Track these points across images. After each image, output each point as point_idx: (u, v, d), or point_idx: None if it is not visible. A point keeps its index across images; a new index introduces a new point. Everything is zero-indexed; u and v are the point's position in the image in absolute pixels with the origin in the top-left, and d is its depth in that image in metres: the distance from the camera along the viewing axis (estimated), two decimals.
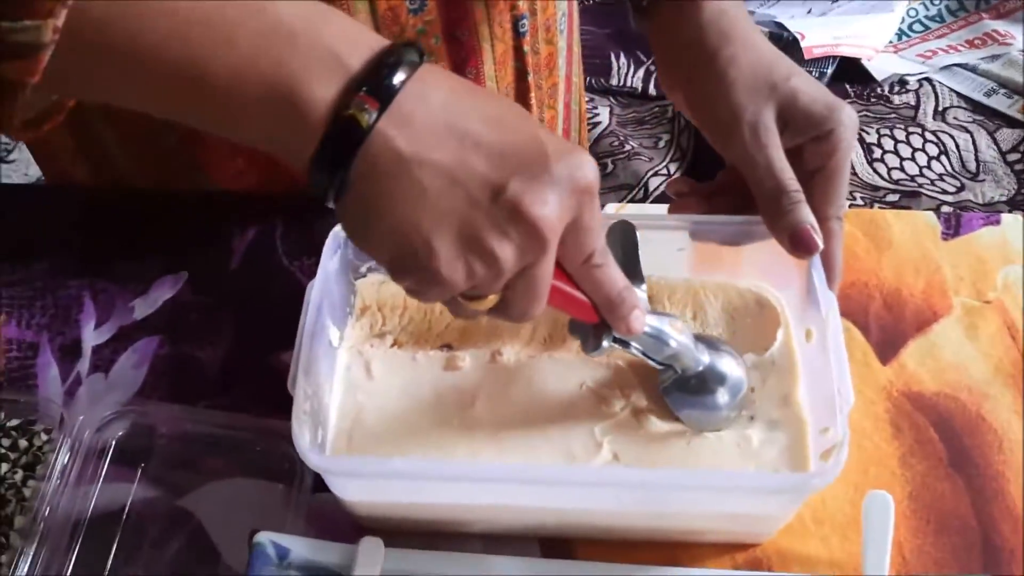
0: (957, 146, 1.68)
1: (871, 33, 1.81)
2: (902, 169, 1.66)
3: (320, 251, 0.63)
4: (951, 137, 1.69)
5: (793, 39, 1.76)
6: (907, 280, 0.76)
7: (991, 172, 1.65)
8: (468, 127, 0.46)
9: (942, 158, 1.67)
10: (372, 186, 0.46)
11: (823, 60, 1.76)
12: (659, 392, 0.63)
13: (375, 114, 0.44)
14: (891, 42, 1.86)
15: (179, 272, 0.77)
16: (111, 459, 0.66)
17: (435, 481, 0.57)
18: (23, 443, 0.66)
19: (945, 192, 1.63)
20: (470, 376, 0.65)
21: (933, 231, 0.79)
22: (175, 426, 0.68)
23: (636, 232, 0.60)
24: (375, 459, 0.61)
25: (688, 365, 0.60)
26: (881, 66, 1.80)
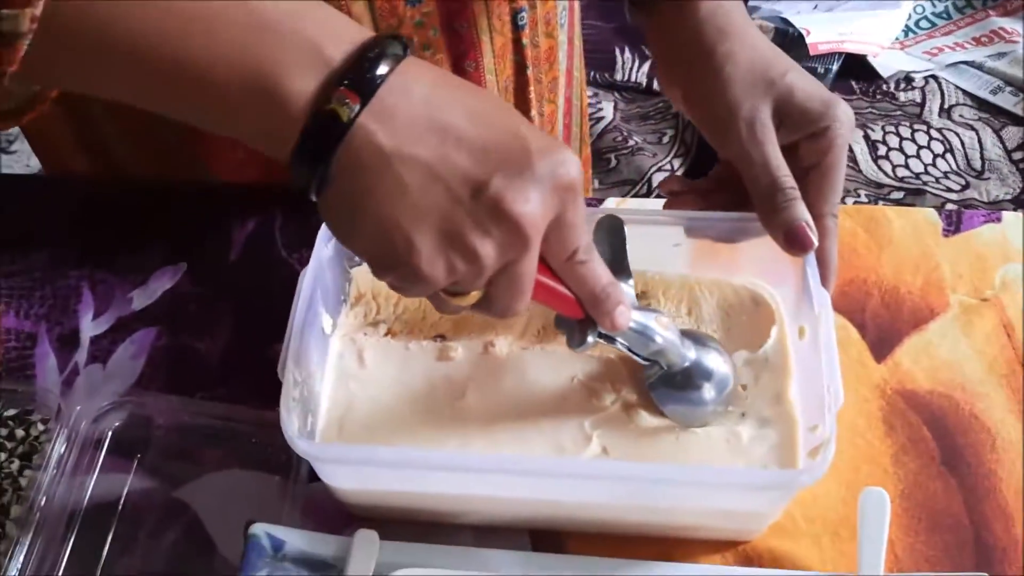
0: (962, 144, 1.68)
1: (877, 29, 1.81)
2: (907, 166, 1.66)
3: None
4: (956, 135, 1.69)
5: (798, 35, 1.75)
6: (906, 277, 0.76)
7: (996, 170, 1.65)
8: (451, 122, 0.46)
9: (947, 156, 1.67)
10: (353, 181, 0.45)
11: (828, 56, 1.76)
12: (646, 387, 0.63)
13: (356, 108, 0.44)
14: (897, 39, 1.85)
15: (178, 263, 0.77)
16: (108, 450, 0.66)
17: (421, 470, 0.57)
18: (20, 433, 0.66)
19: (950, 190, 1.63)
20: (462, 367, 0.65)
21: (934, 228, 0.79)
22: (172, 417, 0.68)
23: (624, 226, 0.60)
24: (361, 447, 0.61)
25: (674, 361, 0.60)
26: (887, 63, 1.80)
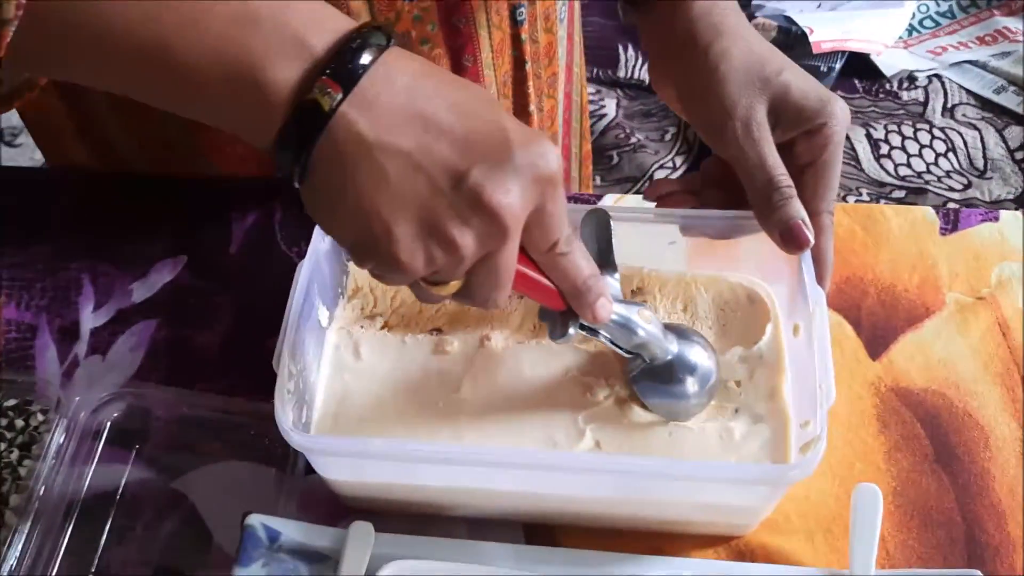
0: (965, 143, 1.67)
1: (881, 28, 1.80)
2: (909, 166, 1.66)
3: None
4: (959, 134, 1.68)
5: (802, 33, 1.75)
6: (902, 276, 0.76)
7: (999, 170, 1.65)
8: (432, 112, 0.46)
9: (949, 155, 1.67)
10: (334, 170, 0.46)
11: (831, 55, 1.76)
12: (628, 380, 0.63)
13: (338, 97, 0.44)
14: (901, 38, 1.85)
15: (178, 256, 0.78)
16: (106, 440, 0.67)
17: (414, 462, 0.57)
18: (20, 423, 0.67)
19: (952, 189, 1.62)
20: (458, 360, 0.65)
21: (931, 227, 0.79)
22: (170, 409, 0.69)
23: (611, 220, 0.60)
24: (354, 439, 0.61)
25: (656, 354, 0.60)
26: (890, 62, 1.79)
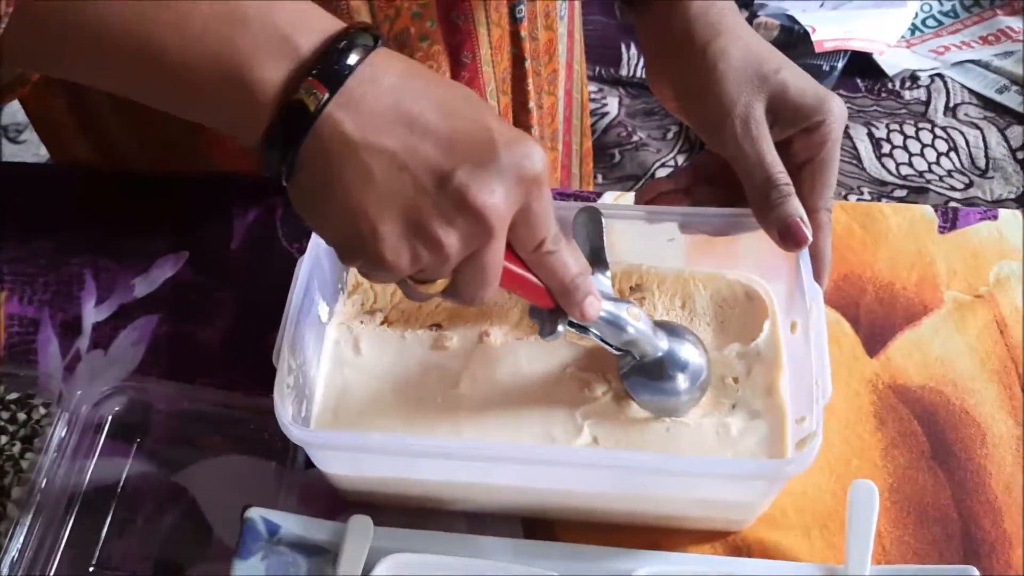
0: (967, 142, 1.68)
1: (883, 27, 1.80)
2: (911, 165, 1.66)
3: None
4: (961, 133, 1.69)
5: (804, 32, 1.75)
6: (901, 274, 0.76)
7: (1000, 169, 1.65)
8: (418, 113, 0.46)
9: (951, 154, 1.67)
10: (320, 169, 0.46)
11: (834, 54, 1.76)
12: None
13: (324, 98, 0.45)
14: (903, 37, 1.85)
15: (180, 252, 0.78)
16: (108, 434, 0.67)
17: (412, 456, 0.57)
18: (22, 416, 0.67)
19: (953, 189, 1.63)
20: (457, 356, 0.66)
21: (930, 225, 0.79)
22: (171, 403, 0.69)
23: (602, 218, 0.61)
24: (352, 433, 0.62)
25: (646, 351, 0.60)
26: (893, 61, 1.79)
